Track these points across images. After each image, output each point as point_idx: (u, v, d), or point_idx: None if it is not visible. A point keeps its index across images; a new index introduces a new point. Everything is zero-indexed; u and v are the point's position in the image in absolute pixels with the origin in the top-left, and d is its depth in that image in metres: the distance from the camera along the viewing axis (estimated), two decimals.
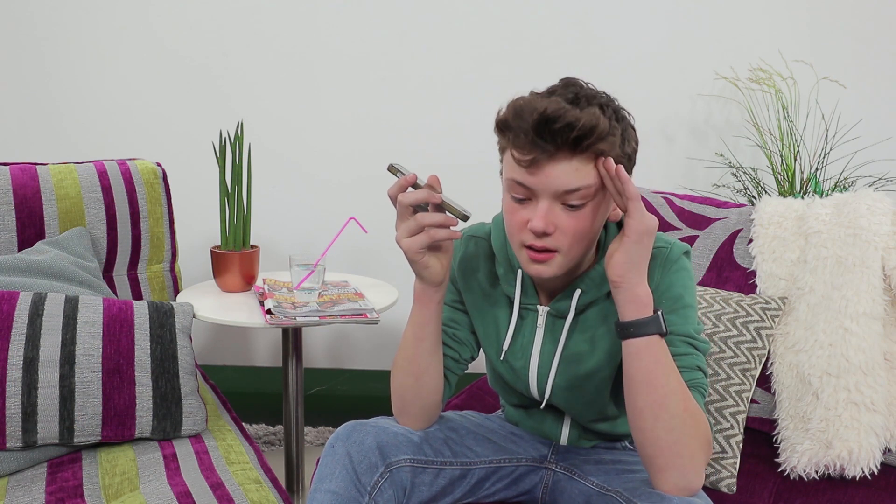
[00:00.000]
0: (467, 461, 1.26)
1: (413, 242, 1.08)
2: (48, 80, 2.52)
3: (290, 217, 2.58)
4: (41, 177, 1.78)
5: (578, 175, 1.04)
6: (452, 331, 1.29)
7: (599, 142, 1.02)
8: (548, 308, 1.24)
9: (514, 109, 1.04)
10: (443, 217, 1.07)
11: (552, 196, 1.06)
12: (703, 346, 1.16)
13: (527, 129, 1.02)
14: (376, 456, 1.15)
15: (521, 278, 1.23)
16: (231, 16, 2.48)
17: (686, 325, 1.15)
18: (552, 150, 1.02)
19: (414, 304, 1.19)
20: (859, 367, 1.46)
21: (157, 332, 1.52)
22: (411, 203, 1.07)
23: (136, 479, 1.36)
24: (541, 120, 1.01)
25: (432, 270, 1.13)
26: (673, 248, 1.18)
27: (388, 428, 1.19)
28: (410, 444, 1.20)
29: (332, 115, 2.53)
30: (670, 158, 2.52)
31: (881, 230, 1.54)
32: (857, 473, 1.41)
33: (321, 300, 1.83)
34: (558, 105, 1.01)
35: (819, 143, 2.41)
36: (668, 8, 2.44)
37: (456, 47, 2.48)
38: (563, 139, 1.01)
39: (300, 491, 2.05)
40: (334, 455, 1.15)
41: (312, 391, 2.68)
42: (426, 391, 1.23)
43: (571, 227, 1.07)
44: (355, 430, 1.17)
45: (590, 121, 1.01)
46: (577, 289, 1.19)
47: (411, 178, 1.07)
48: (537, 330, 1.25)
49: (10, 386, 1.40)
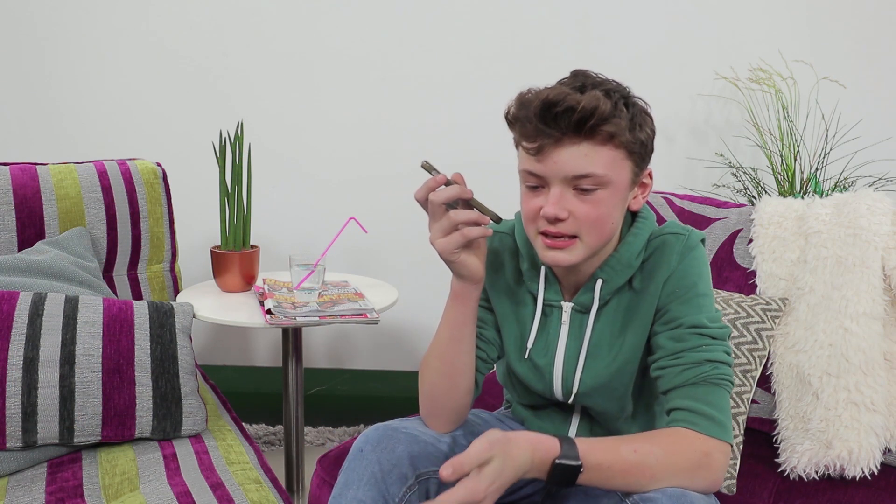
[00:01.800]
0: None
1: (448, 243, 1.08)
2: (48, 80, 2.52)
3: (290, 217, 2.58)
4: (41, 177, 1.78)
5: (588, 160, 1.05)
6: (480, 330, 1.27)
7: (603, 124, 1.03)
8: (572, 304, 1.22)
9: (519, 101, 1.07)
10: (476, 214, 1.07)
11: (563, 182, 1.06)
12: (719, 331, 1.13)
13: (531, 117, 1.04)
14: (407, 466, 1.13)
15: (544, 274, 1.22)
16: (231, 16, 2.48)
17: (698, 315, 1.13)
18: (558, 136, 1.03)
19: (450, 303, 1.17)
20: (859, 367, 1.46)
21: (157, 332, 1.52)
22: (444, 201, 1.07)
23: (136, 479, 1.36)
24: (543, 106, 1.02)
25: (471, 268, 1.12)
26: (691, 236, 1.17)
27: (419, 437, 1.17)
28: (439, 454, 1.17)
29: (332, 115, 2.53)
30: (670, 158, 2.52)
31: (881, 230, 1.54)
32: (857, 473, 1.41)
33: (321, 300, 1.83)
34: (560, 91, 1.03)
35: (819, 143, 2.41)
36: (667, 8, 2.44)
37: (456, 47, 2.48)
38: (566, 123, 1.02)
39: (300, 491, 2.05)
40: (363, 461, 1.12)
41: (312, 391, 2.68)
42: (459, 393, 1.21)
43: (584, 213, 1.07)
44: (386, 436, 1.14)
45: (590, 103, 1.01)
46: (598, 279, 1.18)
47: (441, 178, 1.07)
48: (562, 327, 1.23)
49: (10, 386, 1.40)
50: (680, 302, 1.14)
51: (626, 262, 1.17)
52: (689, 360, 1.12)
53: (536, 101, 1.03)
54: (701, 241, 1.18)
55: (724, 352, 1.13)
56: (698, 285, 1.14)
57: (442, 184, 1.07)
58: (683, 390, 1.11)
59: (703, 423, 1.08)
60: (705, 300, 1.15)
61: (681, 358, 1.12)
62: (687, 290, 1.14)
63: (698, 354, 1.11)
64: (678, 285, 1.14)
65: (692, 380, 1.11)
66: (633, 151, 1.08)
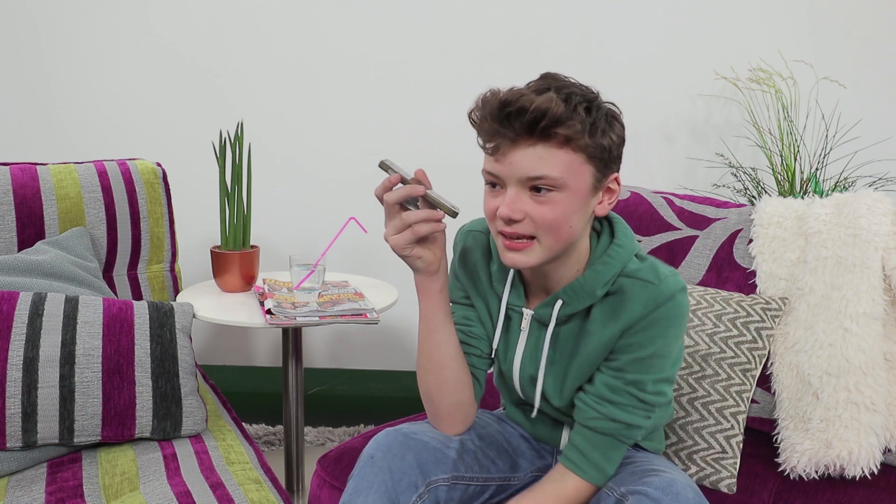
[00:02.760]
0: (490, 477, 1.26)
1: (399, 239, 1.10)
2: (48, 80, 2.52)
3: (290, 217, 2.58)
4: (41, 177, 1.78)
5: (543, 162, 1.05)
6: (467, 328, 1.28)
7: (556, 125, 1.03)
8: (532, 312, 1.23)
9: (480, 101, 1.08)
10: (426, 213, 1.09)
11: (518, 183, 1.07)
12: (653, 398, 1.16)
13: (487, 117, 1.05)
14: (417, 474, 1.14)
15: (511, 278, 1.23)
16: (231, 16, 2.48)
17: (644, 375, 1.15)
18: (513, 136, 1.04)
19: (418, 299, 1.19)
20: (859, 367, 1.46)
21: (157, 332, 1.52)
22: (396, 201, 1.10)
23: (136, 479, 1.36)
24: (499, 106, 1.04)
25: (425, 260, 1.14)
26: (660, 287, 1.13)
27: (429, 443, 1.18)
28: (448, 460, 1.19)
29: (332, 115, 2.53)
30: (670, 158, 2.52)
31: (881, 230, 1.54)
32: (857, 473, 1.41)
33: (321, 300, 1.83)
34: (517, 92, 1.04)
35: (819, 143, 2.41)
36: (667, 8, 2.44)
37: (455, 47, 2.48)
38: (520, 124, 1.03)
39: (300, 491, 2.05)
40: (373, 467, 1.13)
41: (312, 391, 2.68)
42: (451, 386, 1.22)
43: (540, 215, 1.07)
44: (397, 443, 1.16)
45: (543, 104, 1.02)
46: (559, 299, 1.18)
47: (395, 178, 1.10)
48: (521, 333, 1.25)
49: (10, 386, 1.40)
50: (630, 358, 1.15)
51: (589, 291, 1.15)
52: (609, 413, 1.17)
53: (493, 101, 1.05)
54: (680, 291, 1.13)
55: (645, 416, 1.18)
56: (658, 347, 1.14)
57: (397, 183, 1.10)
58: (589, 434, 1.18)
59: (593, 473, 1.18)
60: (659, 361, 1.15)
61: (603, 407, 1.17)
62: (643, 348, 1.14)
63: (620, 412, 1.16)
64: (635, 341, 1.14)
65: (602, 430, 1.17)
66: (594, 156, 1.07)
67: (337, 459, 1.49)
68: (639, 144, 2.49)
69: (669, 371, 1.17)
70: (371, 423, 2.59)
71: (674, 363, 1.18)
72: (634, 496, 1.09)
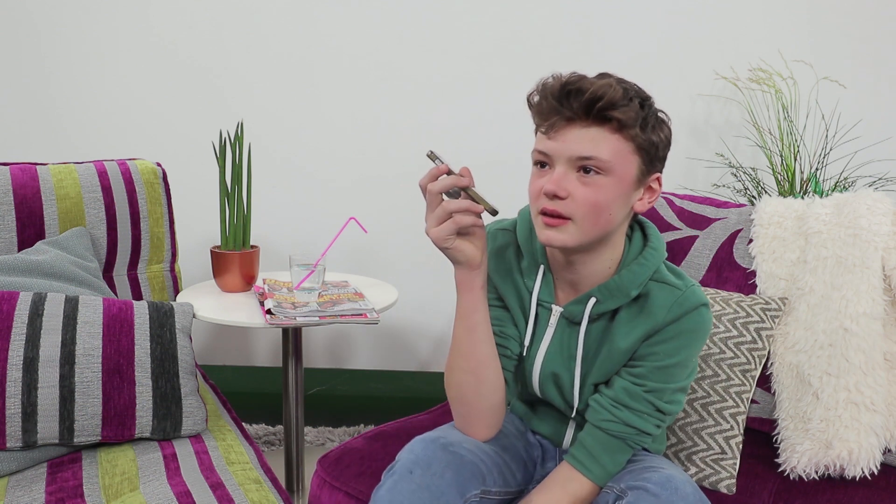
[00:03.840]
0: (510, 489, 1.26)
1: (440, 231, 1.11)
2: (48, 80, 2.52)
3: (290, 217, 2.58)
4: (41, 177, 1.78)
5: (594, 144, 1.08)
6: (499, 328, 1.27)
7: (612, 109, 1.07)
8: (561, 309, 1.23)
9: (540, 84, 1.13)
10: (467, 203, 1.10)
11: (567, 162, 1.10)
12: (668, 407, 1.19)
13: (547, 96, 1.10)
14: (454, 493, 1.13)
15: (542, 272, 1.23)
16: (231, 16, 2.48)
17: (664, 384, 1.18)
18: (569, 115, 1.08)
19: (458, 295, 1.19)
20: (859, 367, 1.46)
21: (157, 332, 1.52)
22: (440, 190, 1.11)
23: (136, 479, 1.36)
24: (560, 86, 1.09)
25: (466, 254, 1.14)
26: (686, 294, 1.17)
27: (465, 457, 1.17)
28: (480, 474, 1.18)
29: (332, 115, 2.53)
30: (670, 158, 2.49)
31: (881, 230, 1.54)
32: (857, 473, 1.41)
33: (321, 300, 1.83)
34: (578, 76, 1.10)
35: (819, 143, 2.41)
36: (667, 8, 2.44)
37: (455, 47, 2.48)
38: (578, 103, 1.07)
39: (300, 491, 2.05)
40: (411, 484, 1.12)
41: (312, 391, 2.68)
42: (489, 388, 1.21)
43: (583, 196, 1.10)
44: (436, 458, 1.14)
45: (602, 88, 1.07)
46: (592, 297, 1.19)
47: (443, 168, 1.11)
48: (548, 329, 1.25)
49: (10, 386, 1.40)
50: (651, 366, 1.18)
51: (624, 291, 1.17)
52: (625, 418, 1.18)
53: (555, 83, 1.10)
54: (703, 305, 1.17)
55: (656, 425, 1.20)
56: (680, 355, 1.17)
57: (444, 173, 1.11)
58: (601, 435, 1.19)
59: (599, 474, 1.19)
60: (680, 371, 1.18)
61: (620, 412, 1.18)
62: (663, 358, 1.17)
63: (636, 419, 1.18)
64: (660, 350, 1.17)
65: (615, 432, 1.18)
66: (642, 148, 1.11)
67: (337, 459, 1.49)
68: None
69: (686, 381, 1.20)
70: (371, 423, 2.59)
71: (691, 373, 1.21)
72: (634, 491, 1.10)
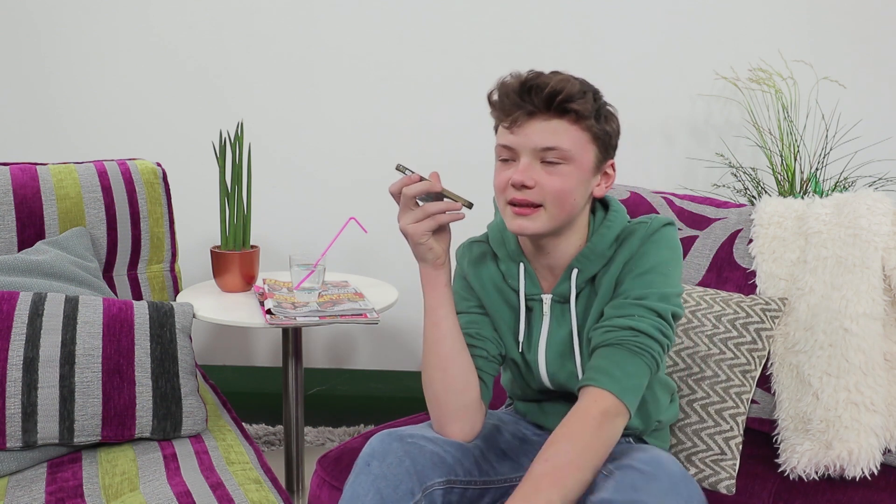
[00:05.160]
0: (489, 480, 1.26)
1: (419, 227, 1.17)
2: (48, 80, 2.52)
3: (290, 217, 2.57)
4: (41, 177, 1.78)
5: (556, 136, 1.16)
6: (475, 330, 1.31)
7: (571, 101, 1.15)
8: (551, 295, 1.28)
9: (500, 83, 1.21)
10: (446, 204, 1.17)
11: (531, 153, 1.17)
12: (661, 306, 1.19)
13: (509, 93, 1.18)
14: (413, 481, 1.14)
15: (523, 269, 1.29)
16: (231, 16, 2.48)
17: (645, 289, 1.20)
18: (531, 109, 1.16)
19: (423, 292, 1.24)
20: (859, 367, 1.46)
21: (157, 332, 1.52)
22: (415, 194, 1.17)
23: (136, 479, 1.36)
24: (521, 83, 1.17)
25: (435, 251, 1.21)
26: (653, 222, 1.25)
27: (425, 447, 1.18)
28: (443, 464, 1.18)
29: (332, 115, 2.53)
30: (670, 158, 2.52)
31: (881, 230, 1.54)
32: (857, 474, 1.41)
33: (321, 300, 1.83)
34: (536, 73, 1.19)
35: (819, 143, 2.41)
36: (667, 8, 2.44)
37: (455, 47, 2.48)
38: (539, 98, 1.16)
39: (300, 491, 2.05)
40: (369, 475, 1.14)
41: (312, 391, 2.68)
42: (458, 384, 1.23)
43: (549, 184, 1.17)
44: (392, 449, 1.16)
45: (560, 82, 1.16)
46: (574, 268, 1.25)
47: (415, 178, 1.17)
48: (544, 318, 1.29)
49: (10, 386, 1.40)
50: (632, 277, 1.22)
51: (599, 253, 1.24)
52: (614, 324, 1.19)
53: (515, 80, 1.19)
54: (667, 224, 1.25)
55: (654, 326, 1.18)
56: (652, 262, 1.22)
57: (415, 182, 1.17)
58: (599, 350, 1.19)
59: (604, 380, 1.15)
60: (658, 277, 1.21)
61: (611, 321, 1.20)
62: (640, 267, 1.22)
63: (624, 321, 1.19)
64: (634, 264, 1.23)
65: (609, 341, 1.18)
66: (598, 137, 1.19)
67: (337, 459, 1.49)
68: (639, 144, 2.49)
69: (670, 289, 1.21)
70: (371, 423, 2.59)
71: (674, 287, 1.22)
72: (621, 470, 1.12)
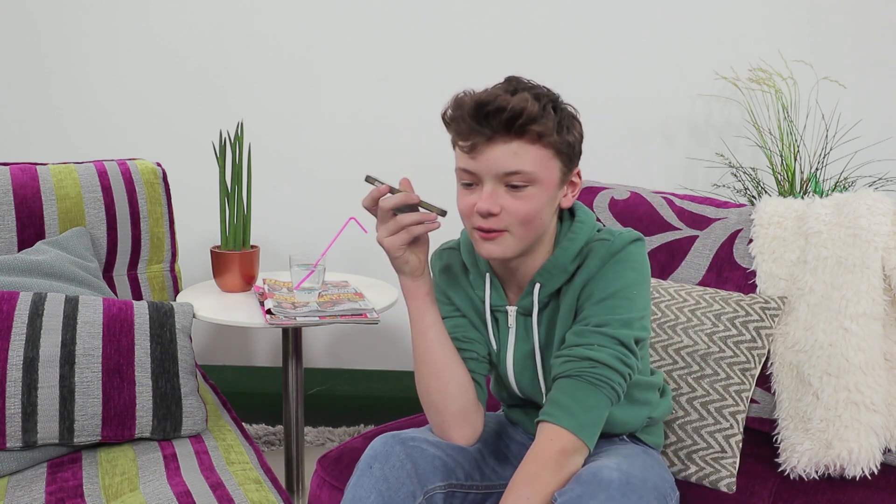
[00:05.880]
0: (490, 484, 1.26)
1: (395, 240, 1.15)
2: (48, 80, 2.52)
3: (290, 217, 2.58)
4: (41, 177, 1.78)
5: (518, 158, 1.11)
6: (461, 333, 1.30)
7: (531, 123, 1.09)
8: (515, 307, 1.26)
9: (454, 102, 1.14)
10: (420, 215, 1.15)
11: (495, 178, 1.12)
12: (622, 333, 1.14)
13: (465, 117, 1.11)
14: (414, 483, 1.14)
15: (489, 280, 1.27)
16: (231, 16, 2.48)
17: (606, 315, 1.15)
18: (489, 133, 1.10)
19: (407, 303, 1.24)
20: (859, 367, 1.46)
21: (157, 332, 1.52)
22: (391, 207, 1.15)
23: (136, 479, 1.36)
24: (476, 106, 1.10)
25: (412, 264, 1.20)
26: (615, 241, 1.19)
27: (427, 450, 1.18)
28: (445, 467, 1.18)
29: (332, 114, 2.53)
30: (670, 158, 2.52)
31: (881, 230, 1.54)
32: (857, 473, 1.41)
33: (321, 300, 1.83)
34: (492, 92, 1.11)
35: (819, 143, 2.41)
36: (667, 8, 2.44)
37: (455, 47, 2.48)
38: (498, 122, 1.09)
39: (300, 491, 2.05)
40: (371, 477, 1.13)
41: (312, 391, 2.68)
42: (454, 389, 1.23)
43: (515, 209, 1.13)
44: (394, 452, 1.15)
45: (519, 104, 1.08)
46: (536, 283, 1.22)
47: (385, 189, 1.15)
48: (509, 330, 1.28)
49: (10, 386, 1.40)
50: (592, 302, 1.17)
51: (561, 267, 1.21)
52: (573, 353, 1.15)
53: (470, 102, 1.10)
54: (633, 241, 1.19)
55: (614, 356, 1.14)
56: (615, 287, 1.17)
57: (385, 193, 1.15)
58: (559, 382, 1.16)
59: (562, 416, 1.12)
60: (621, 302, 1.16)
61: (570, 350, 1.16)
62: (602, 291, 1.17)
63: (583, 350, 1.15)
64: (595, 288, 1.18)
65: (568, 372, 1.15)
66: (561, 151, 1.14)
67: (337, 459, 1.49)
68: (639, 144, 2.49)
69: (634, 314, 1.16)
70: (371, 423, 2.59)
71: (639, 311, 1.17)
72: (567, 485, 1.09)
